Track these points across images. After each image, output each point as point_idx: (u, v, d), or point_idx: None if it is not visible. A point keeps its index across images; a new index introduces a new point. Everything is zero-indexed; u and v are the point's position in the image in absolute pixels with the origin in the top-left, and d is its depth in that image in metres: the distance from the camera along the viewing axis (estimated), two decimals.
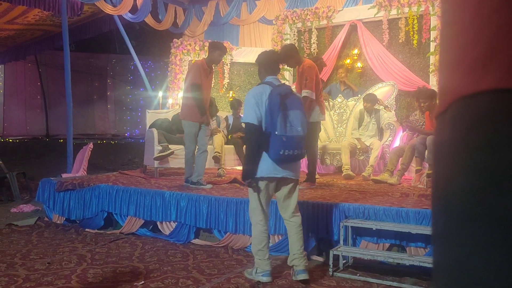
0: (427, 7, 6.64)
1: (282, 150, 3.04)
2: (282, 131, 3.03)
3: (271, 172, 3.14)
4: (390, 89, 6.49)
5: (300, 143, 3.11)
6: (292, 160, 3.14)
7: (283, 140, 3.03)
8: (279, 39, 7.71)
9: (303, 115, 3.17)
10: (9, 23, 8.98)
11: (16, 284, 3.12)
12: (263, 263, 3.21)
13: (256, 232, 3.24)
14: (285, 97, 3.10)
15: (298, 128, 3.09)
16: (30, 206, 5.96)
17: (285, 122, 3.06)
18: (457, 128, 0.39)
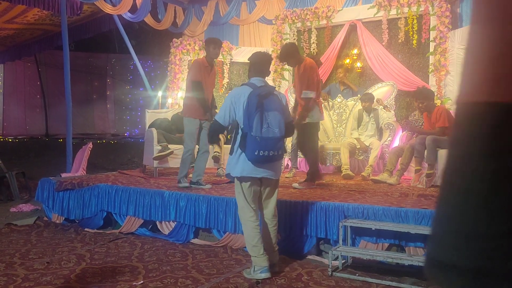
0: (427, 7, 6.64)
1: (257, 151, 3.09)
2: (258, 132, 3.09)
3: (251, 172, 3.19)
4: (389, 89, 6.49)
5: (276, 145, 3.15)
6: (268, 161, 3.18)
7: (258, 140, 3.08)
8: (279, 39, 7.71)
9: (281, 117, 3.19)
10: (9, 22, 8.97)
11: (15, 284, 3.12)
12: (259, 259, 3.23)
13: (247, 229, 3.28)
14: (263, 97, 3.15)
15: (275, 130, 3.13)
16: (29, 205, 5.95)
17: (261, 123, 3.10)
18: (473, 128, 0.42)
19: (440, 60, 6.47)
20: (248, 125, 3.12)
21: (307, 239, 3.87)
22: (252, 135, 3.09)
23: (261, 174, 3.23)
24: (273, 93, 3.26)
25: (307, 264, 3.62)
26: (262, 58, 3.42)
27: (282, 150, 3.23)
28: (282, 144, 3.24)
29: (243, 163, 3.19)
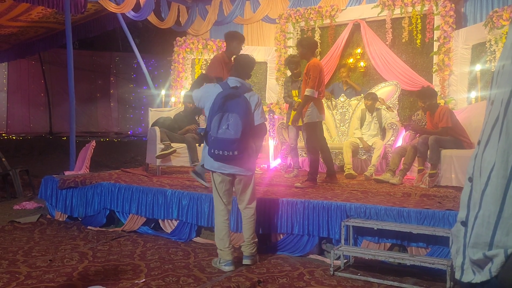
0: (431, 7, 6.62)
1: (213, 149, 3.29)
2: (214, 132, 3.26)
3: (219, 168, 3.38)
4: (393, 89, 6.48)
5: (231, 146, 3.25)
6: (225, 160, 3.31)
7: (213, 140, 3.28)
8: (282, 38, 7.70)
9: (243, 120, 3.26)
10: (13, 20, 9.01)
11: (17, 281, 3.14)
12: (224, 253, 3.41)
13: (217, 222, 3.49)
14: (228, 99, 3.27)
15: (231, 132, 3.24)
16: (32, 203, 5.98)
17: (219, 123, 3.25)
18: None
19: (444, 60, 6.45)
20: (209, 124, 3.32)
21: (309, 238, 3.87)
22: (210, 134, 3.30)
23: (228, 170, 3.38)
24: (240, 96, 3.34)
25: (309, 264, 3.62)
26: (244, 61, 3.56)
27: (239, 151, 3.29)
28: (240, 146, 3.28)
29: (211, 159, 3.37)
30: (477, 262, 0.84)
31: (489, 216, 0.82)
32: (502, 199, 0.80)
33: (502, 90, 0.83)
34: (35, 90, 15.30)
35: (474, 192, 0.87)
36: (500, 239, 0.80)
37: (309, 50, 4.93)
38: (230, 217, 4.16)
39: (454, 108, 5.81)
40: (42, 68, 15.02)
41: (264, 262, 3.64)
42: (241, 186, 3.50)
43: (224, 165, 3.37)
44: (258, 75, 7.95)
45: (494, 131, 0.84)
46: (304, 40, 5.07)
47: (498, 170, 0.81)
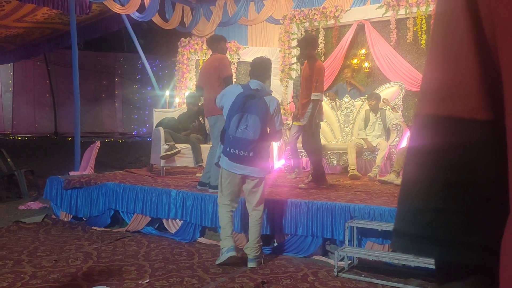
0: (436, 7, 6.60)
1: (229, 148, 3.36)
2: (233, 131, 3.34)
3: (229, 167, 3.44)
4: (397, 90, 6.46)
5: (248, 146, 3.34)
6: (239, 160, 3.38)
7: (231, 139, 3.35)
8: (286, 39, 7.70)
9: (262, 121, 3.37)
10: (18, 21, 9.05)
11: (22, 281, 3.15)
12: (225, 241, 3.50)
13: (221, 212, 3.59)
14: (249, 99, 3.37)
15: (250, 132, 3.33)
16: (37, 203, 6.01)
17: (239, 123, 3.33)
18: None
19: None
20: (227, 123, 3.39)
21: (313, 239, 3.87)
22: (228, 133, 3.37)
23: (239, 171, 3.43)
24: (261, 98, 3.43)
25: (313, 265, 3.62)
26: (261, 63, 3.65)
27: (254, 153, 3.37)
28: (256, 147, 3.37)
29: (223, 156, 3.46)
30: None
31: None
32: None
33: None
34: (40, 90, 15.37)
35: None
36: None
37: (313, 48, 4.88)
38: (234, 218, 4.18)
39: None
40: (47, 68, 15.09)
41: (268, 263, 3.64)
42: (250, 187, 3.53)
43: (237, 165, 3.41)
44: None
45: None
46: (304, 40, 4.98)
47: None
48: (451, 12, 0.51)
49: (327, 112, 6.76)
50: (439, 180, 0.49)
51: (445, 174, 0.49)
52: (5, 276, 3.26)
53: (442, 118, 0.49)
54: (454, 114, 0.49)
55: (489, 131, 0.48)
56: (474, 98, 0.48)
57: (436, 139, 0.50)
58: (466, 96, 0.48)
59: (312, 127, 4.83)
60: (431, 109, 0.50)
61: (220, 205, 3.59)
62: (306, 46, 4.77)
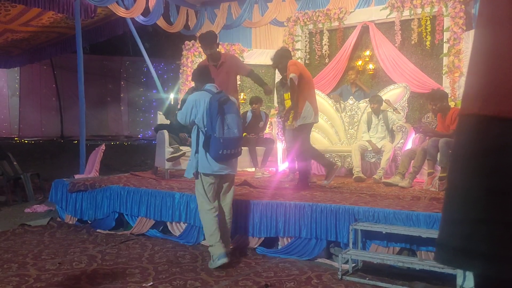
0: (440, 8, 6.56)
1: (221, 150, 3.48)
2: (220, 133, 3.48)
3: (218, 170, 3.58)
4: (402, 91, 6.42)
5: (236, 143, 3.57)
6: (230, 158, 3.59)
7: (221, 141, 3.47)
8: (291, 41, 7.69)
9: (238, 119, 3.66)
10: (24, 25, 9.12)
11: (26, 284, 3.16)
12: (215, 248, 3.56)
13: (206, 220, 3.64)
14: (223, 103, 3.53)
15: (234, 130, 3.55)
16: (43, 206, 6.04)
17: (223, 125, 3.50)
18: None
19: (454, 62, 6.38)
20: (211, 128, 3.48)
21: (317, 242, 3.85)
22: (216, 137, 3.47)
23: (225, 172, 3.63)
24: (229, 98, 3.65)
25: (317, 267, 3.60)
26: (201, 70, 3.87)
27: (241, 148, 3.68)
28: (241, 143, 3.69)
29: (209, 162, 3.55)
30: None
31: None
32: None
33: None
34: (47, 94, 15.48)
35: None
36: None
37: (286, 59, 4.91)
38: (238, 221, 4.18)
39: None
40: (53, 72, 15.19)
41: (271, 266, 3.63)
42: (226, 185, 3.75)
43: (224, 166, 3.59)
44: (266, 78, 7.93)
45: None
46: (276, 56, 4.96)
47: None
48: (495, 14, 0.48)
49: (331, 114, 6.75)
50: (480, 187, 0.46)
51: (487, 180, 0.45)
52: (9, 279, 3.27)
53: (485, 118, 0.46)
54: (499, 114, 0.46)
55: None
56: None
57: (478, 141, 0.46)
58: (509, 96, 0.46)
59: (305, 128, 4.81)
60: (474, 109, 0.48)
61: (205, 212, 3.63)
62: (281, 61, 4.82)
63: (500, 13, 0.47)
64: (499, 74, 0.46)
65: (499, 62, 0.46)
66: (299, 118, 4.79)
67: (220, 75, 4.59)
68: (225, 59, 4.54)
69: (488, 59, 0.47)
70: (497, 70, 0.46)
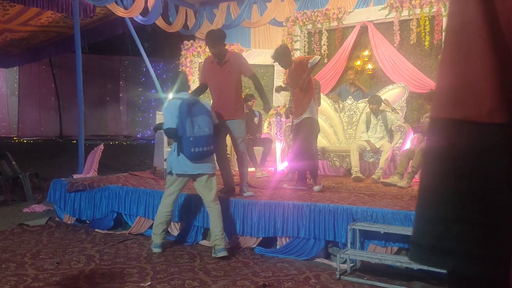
0: (439, 8, 6.57)
1: (192, 148, 3.70)
2: (191, 132, 3.71)
3: (191, 170, 3.81)
4: (401, 91, 6.43)
5: (208, 140, 3.78)
6: (202, 156, 3.77)
7: (192, 140, 3.70)
8: (290, 41, 7.69)
9: (209, 119, 3.84)
10: (23, 25, 9.12)
11: (24, 284, 3.16)
12: (157, 237, 3.99)
13: (161, 210, 3.98)
14: (191, 105, 3.80)
15: (205, 129, 3.76)
16: (42, 206, 6.03)
17: (193, 125, 3.73)
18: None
19: None
20: (182, 129, 3.72)
21: (315, 242, 3.85)
22: (187, 136, 3.70)
23: (197, 171, 3.83)
24: (198, 101, 3.92)
25: (315, 267, 3.60)
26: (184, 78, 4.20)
27: (214, 146, 3.88)
28: (213, 141, 3.86)
29: (182, 162, 3.79)
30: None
31: None
32: None
33: None
34: (45, 94, 15.47)
35: None
36: None
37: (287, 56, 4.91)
38: (236, 220, 4.19)
39: None
40: (52, 72, 15.18)
41: (270, 265, 3.63)
42: (205, 185, 3.90)
43: (197, 165, 3.80)
44: (265, 78, 7.94)
45: None
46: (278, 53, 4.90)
47: None
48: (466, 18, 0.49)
49: (330, 114, 6.75)
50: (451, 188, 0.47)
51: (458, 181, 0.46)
52: (7, 278, 3.27)
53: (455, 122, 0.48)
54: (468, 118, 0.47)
55: (506, 135, 0.46)
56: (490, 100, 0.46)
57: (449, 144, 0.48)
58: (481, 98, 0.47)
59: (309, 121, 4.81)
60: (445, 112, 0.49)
61: (162, 204, 3.98)
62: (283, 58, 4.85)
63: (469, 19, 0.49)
64: (468, 79, 0.48)
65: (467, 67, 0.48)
66: (306, 111, 4.78)
67: (223, 73, 4.47)
68: (229, 58, 4.45)
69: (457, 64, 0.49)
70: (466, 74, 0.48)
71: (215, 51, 4.42)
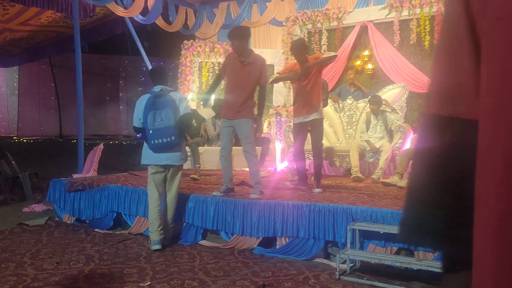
0: (439, 8, 6.56)
1: (153, 140, 3.92)
2: (151, 125, 3.92)
3: (154, 160, 4.02)
4: (401, 91, 6.42)
5: (168, 132, 3.91)
6: (164, 147, 3.94)
7: (151, 132, 3.92)
8: (289, 41, 7.68)
9: (173, 111, 3.95)
10: (23, 24, 9.11)
11: (24, 284, 3.16)
12: (153, 234, 4.04)
13: (150, 208, 4.09)
14: (157, 98, 3.97)
15: (166, 122, 3.91)
16: (41, 205, 6.03)
17: (155, 118, 3.92)
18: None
19: None
20: (145, 122, 3.95)
21: (315, 242, 3.85)
22: (148, 129, 3.93)
23: (163, 162, 4.02)
24: (166, 95, 4.02)
25: (315, 267, 3.60)
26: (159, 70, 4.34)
27: (176, 137, 3.95)
28: (176, 132, 3.95)
29: (149, 154, 4.03)
30: None
31: None
32: None
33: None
34: (45, 93, 15.47)
35: None
36: None
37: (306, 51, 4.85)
38: (236, 221, 4.19)
39: None
40: (52, 71, 15.18)
41: (269, 265, 3.63)
42: (170, 175, 4.11)
43: (161, 156, 3.98)
44: None
45: None
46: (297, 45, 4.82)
47: None
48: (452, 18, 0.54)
49: (330, 114, 6.74)
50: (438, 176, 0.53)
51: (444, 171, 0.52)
52: (7, 278, 3.27)
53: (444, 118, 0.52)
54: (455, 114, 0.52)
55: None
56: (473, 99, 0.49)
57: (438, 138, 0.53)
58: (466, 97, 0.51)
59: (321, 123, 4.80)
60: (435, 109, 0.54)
61: (149, 201, 4.11)
62: (302, 50, 4.75)
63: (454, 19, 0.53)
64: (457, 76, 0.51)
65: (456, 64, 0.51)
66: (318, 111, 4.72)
67: (243, 73, 4.38)
68: (253, 60, 4.38)
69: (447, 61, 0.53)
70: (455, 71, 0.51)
71: (233, 47, 4.38)
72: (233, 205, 4.23)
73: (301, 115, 4.76)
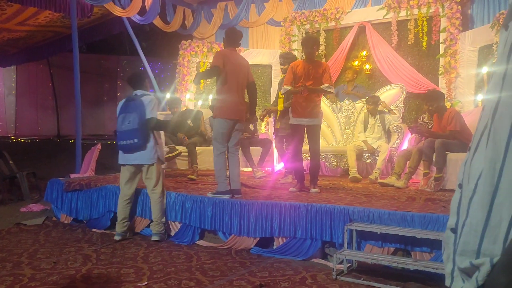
0: (437, 9, 6.58)
1: (119, 142, 4.24)
2: (119, 127, 4.24)
3: (122, 160, 4.35)
4: (398, 91, 6.44)
5: (131, 134, 4.15)
6: (129, 148, 4.21)
7: (117, 134, 4.25)
8: (287, 41, 7.70)
9: (137, 116, 4.15)
10: (20, 24, 9.10)
11: (21, 284, 3.16)
12: (117, 225, 4.44)
13: (119, 200, 4.48)
14: (128, 102, 4.26)
15: (131, 125, 4.15)
16: (39, 205, 6.02)
17: (123, 121, 4.20)
18: None
19: (450, 62, 6.40)
20: (117, 124, 4.26)
21: (312, 242, 3.85)
22: (117, 130, 4.26)
23: (131, 162, 4.30)
24: (137, 100, 4.23)
25: (312, 268, 3.60)
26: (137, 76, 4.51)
27: (139, 139, 4.17)
28: (138, 134, 4.16)
29: (120, 154, 4.35)
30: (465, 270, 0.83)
31: (476, 224, 0.81)
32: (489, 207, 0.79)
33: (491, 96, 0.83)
34: (43, 93, 15.44)
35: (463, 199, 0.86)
36: (487, 247, 0.79)
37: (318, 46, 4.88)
38: (234, 221, 4.19)
39: (460, 111, 5.76)
40: (50, 71, 15.16)
41: (266, 265, 3.63)
42: (148, 173, 4.31)
43: (128, 155, 4.26)
44: (262, 78, 7.95)
45: (483, 138, 0.83)
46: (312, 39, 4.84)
47: (485, 178, 0.80)
48: None
49: (327, 114, 6.75)
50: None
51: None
52: (4, 278, 3.27)
53: None
54: None
55: None
56: None
57: None
58: None
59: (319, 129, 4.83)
60: None
61: (120, 197, 4.47)
62: (315, 45, 4.75)
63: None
64: None
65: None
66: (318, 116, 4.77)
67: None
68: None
69: None
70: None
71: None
72: (230, 206, 4.23)
73: (298, 116, 4.75)
